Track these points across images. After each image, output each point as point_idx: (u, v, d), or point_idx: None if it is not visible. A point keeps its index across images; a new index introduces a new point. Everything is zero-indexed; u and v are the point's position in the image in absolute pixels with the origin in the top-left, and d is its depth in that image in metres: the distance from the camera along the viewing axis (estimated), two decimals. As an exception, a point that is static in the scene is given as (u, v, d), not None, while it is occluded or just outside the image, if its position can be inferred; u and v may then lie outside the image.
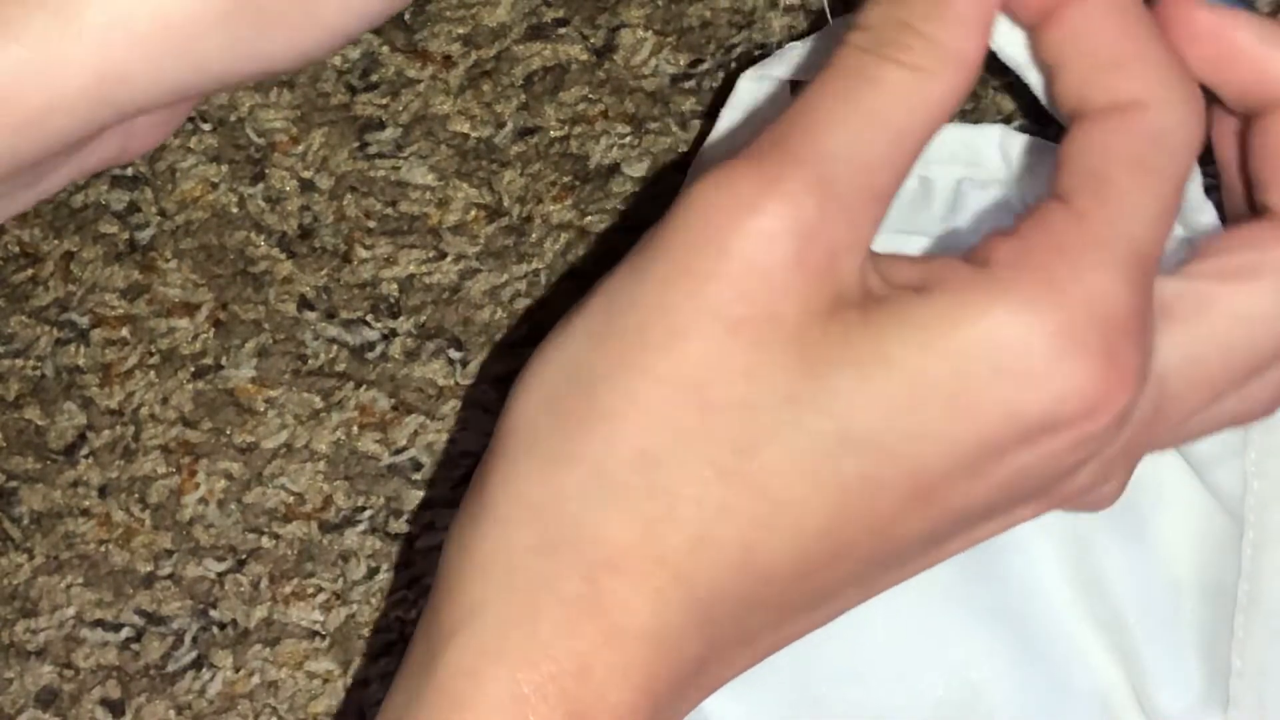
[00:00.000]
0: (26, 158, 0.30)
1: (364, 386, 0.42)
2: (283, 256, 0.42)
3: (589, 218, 0.42)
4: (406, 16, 0.43)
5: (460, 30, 0.43)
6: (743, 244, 0.28)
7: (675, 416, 0.28)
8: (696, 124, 0.43)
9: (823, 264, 0.28)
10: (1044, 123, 0.41)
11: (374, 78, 0.43)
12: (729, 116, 0.41)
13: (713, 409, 0.28)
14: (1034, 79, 0.36)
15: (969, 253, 0.30)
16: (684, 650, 0.29)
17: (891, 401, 0.28)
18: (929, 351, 0.28)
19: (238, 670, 0.41)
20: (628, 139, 0.43)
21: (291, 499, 0.42)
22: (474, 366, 0.42)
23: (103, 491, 0.42)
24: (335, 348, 0.42)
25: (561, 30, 0.43)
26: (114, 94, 0.29)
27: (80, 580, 0.41)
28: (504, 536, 0.29)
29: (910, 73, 0.29)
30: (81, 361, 0.42)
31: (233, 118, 0.43)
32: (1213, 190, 0.42)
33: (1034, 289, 0.28)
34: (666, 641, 0.28)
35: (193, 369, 0.42)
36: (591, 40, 0.43)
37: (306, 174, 0.43)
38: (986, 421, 0.28)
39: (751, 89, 0.41)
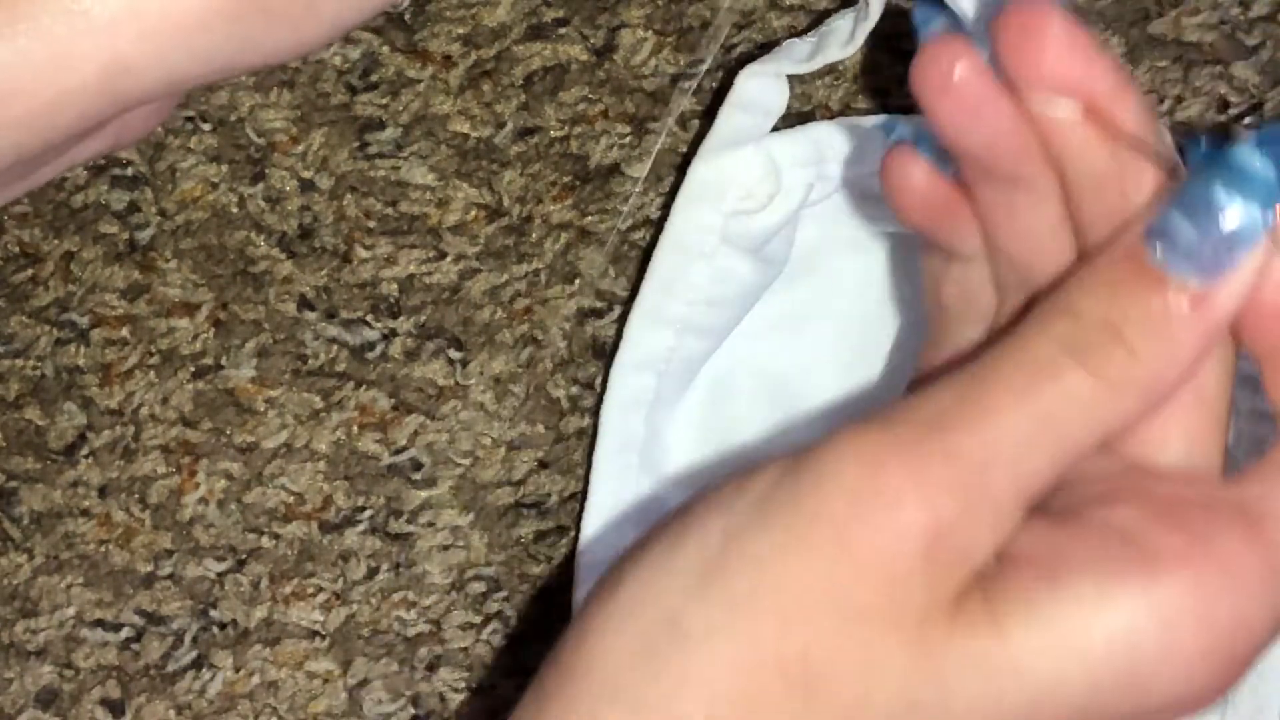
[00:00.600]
0: (30, 151, 0.30)
1: (364, 386, 0.42)
2: (283, 256, 0.42)
3: (589, 218, 0.42)
4: (406, 16, 0.43)
5: (460, 30, 0.43)
6: (876, 535, 0.26)
7: (779, 700, 0.26)
8: (696, 124, 0.43)
9: (954, 560, 0.26)
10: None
11: (374, 78, 0.43)
12: (729, 114, 0.41)
13: (823, 698, 0.26)
14: None
15: (1103, 506, 0.28)
16: None
17: (1016, 712, 0.26)
18: (1061, 657, 0.26)
19: (238, 670, 0.41)
20: (628, 139, 0.43)
21: (291, 499, 0.42)
22: (474, 366, 0.42)
23: (103, 491, 0.42)
24: (335, 348, 0.42)
25: (561, 30, 0.43)
26: (119, 86, 0.29)
27: (80, 580, 0.41)
28: None
29: (1100, 386, 0.26)
30: (81, 361, 0.42)
31: (233, 118, 0.43)
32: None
33: (1191, 601, 0.26)
34: None
35: (193, 369, 0.42)
36: (591, 40, 0.43)
37: (306, 174, 0.43)
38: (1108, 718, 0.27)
39: (751, 85, 0.41)
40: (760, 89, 0.40)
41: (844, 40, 0.40)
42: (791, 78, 0.41)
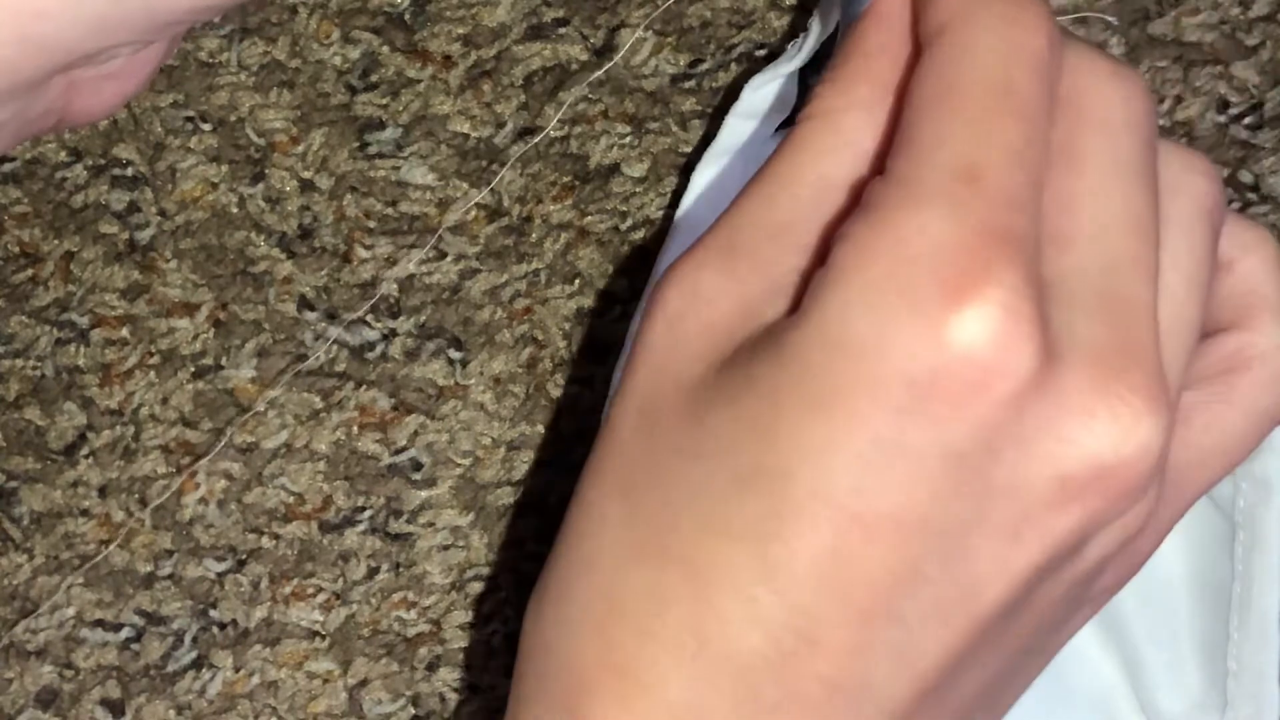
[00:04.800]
0: None
1: (364, 386, 0.42)
2: (283, 256, 0.42)
3: (589, 218, 0.42)
4: (406, 17, 0.43)
5: (460, 30, 0.43)
6: (651, 336, 0.28)
7: (602, 508, 0.28)
8: (696, 124, 0.43)
9: (734, 323, 0.27)
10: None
11: (374, 78, 0.43)
12: (733, 124, 0.40)
13: (630, 491, 0.28)
14: None
15: None
16: None
17: (760, 420, 0.26)
18: (781, 362, 0.26)
19: (238, 670, 0.41)
20: (628, 139, 0.43)
21: (291, 499, 0.42)
22: (474, 366, 0.42)
23: (103, 491, 0.42)
24: (335, 348, 0.42)
25: (561, 30, 0.43)
26: (35, 30, 0.28)
27: (80, 580, 0.41)
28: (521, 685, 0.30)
29: (819, 120, 0.28)
30: (81, 361, 0.42)
31: (233, 118, 0.43)
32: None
33: (846, 257, 0.25)
34: None
35: (193, 369, 0.42)
36: (591, 40, 0.43)
37: (306, 174, 0.42)
38: (860, 416, 0.25)
39: (756, 97, 0.40)
40: (765, 97, 0.40)
41: (818, 32, 0.40)
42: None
